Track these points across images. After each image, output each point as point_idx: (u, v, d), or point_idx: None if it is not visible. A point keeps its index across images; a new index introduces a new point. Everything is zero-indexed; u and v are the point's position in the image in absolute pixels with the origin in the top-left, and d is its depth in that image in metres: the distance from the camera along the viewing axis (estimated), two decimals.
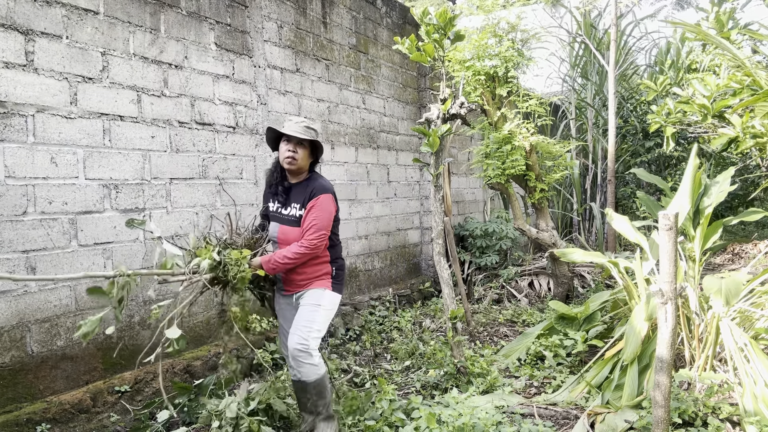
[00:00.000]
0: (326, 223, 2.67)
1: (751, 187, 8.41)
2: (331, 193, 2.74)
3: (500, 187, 5.71)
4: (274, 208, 2.83)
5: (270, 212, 2.87)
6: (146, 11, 3.48)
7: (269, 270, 2.63)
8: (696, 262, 3.56)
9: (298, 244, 2.63)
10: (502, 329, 4.99)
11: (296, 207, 2.74)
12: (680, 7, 11.07)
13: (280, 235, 2.77)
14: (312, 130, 2.74)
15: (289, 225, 2.76)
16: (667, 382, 2.12)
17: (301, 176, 2.82)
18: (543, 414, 3.09)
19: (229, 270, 2.46)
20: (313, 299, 2.72)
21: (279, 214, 2.81)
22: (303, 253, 2.62)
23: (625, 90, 9.38)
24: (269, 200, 2.89)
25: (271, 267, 2.62)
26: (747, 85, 3.63)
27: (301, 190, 2.76)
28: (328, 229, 2.70)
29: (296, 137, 2.69)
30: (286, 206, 2.79)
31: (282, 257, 2.60)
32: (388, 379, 3.78)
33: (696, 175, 3.60)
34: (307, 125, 2.73)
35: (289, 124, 2.73)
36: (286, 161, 2.70)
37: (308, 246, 2.62)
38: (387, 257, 6.01)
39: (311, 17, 4.93)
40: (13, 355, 2.83)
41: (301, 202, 2.72)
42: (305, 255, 2.64)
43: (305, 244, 2.62)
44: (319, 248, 2.66)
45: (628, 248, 7.88)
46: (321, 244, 2.66)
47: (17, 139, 2.85)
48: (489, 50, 5.21)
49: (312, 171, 2.85)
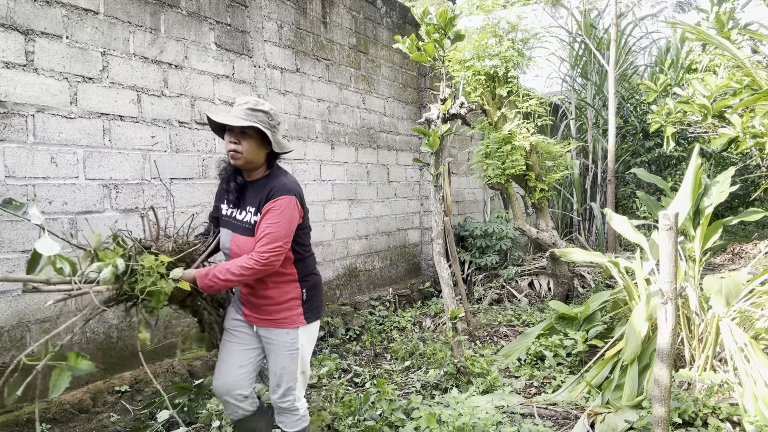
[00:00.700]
0: (284, 233, 2.12)
1: (751, 187, 8.40)
2: (294, 194, 2.19)
3: (500, 187, 5.71)
4: (226, 212, 2.30)
5: (221, 216, 2.33)
6: (146, 11, 3.48)
7: (205, 287, 2.05)
8: (696, 262, 3.56)
9: (247, 256, 2.09)
10: (502, 329, 4.99)
11: (251, 211, 2.21)
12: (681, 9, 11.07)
13: (233, 246, 2.23)
14: (259, 113, 2.17)
15: (243, 234, 2.21)
16: (668, 382, 2.12)
17: (257, 173, 2.27)
18: (543, 414, 3.09)
19: (138, 281, 1.91)
20: (288, 345, 2.25)
21: (232, 219, 2.27)
22: (252, 269, 2.05)
23: (625, 90, 9.39)
24: (222, 200, 2.34)
25: (208, 283, 2.04)
26: (747, 84, 3.63)
27: (257, 189, 2.22)
28: (288, 239, 2.15)
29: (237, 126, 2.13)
30: (240, 209, 2.25)
31: (224, 272, 2.04)
32: (388, 379, 3.78)
33: (697, 175, 3.60)
34: (251, 107, 2.17)
35: (232, 110, 2.22)
36: (230, 156, 2.19)
37: (258, 261, 2.06)
38: (387, 257, 6.01)
39: (311, 17, 4.93)
40: (14, 355, 2.83)
41: (257, 204, 2.19)
42: (255, 272, 2.07)
43: (255, 258, 2.07)
44: (273, 264, 2.11)
45: (628, 248, 7.89)
46: (275, 260, 2.10)
47: (17, 139, 2.85)
48: (489, 50, 5.21)
49: (272, 167, 2.30)
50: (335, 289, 5.19)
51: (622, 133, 8.98)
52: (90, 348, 3.15)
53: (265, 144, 2.21)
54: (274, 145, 2.20)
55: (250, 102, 2.19)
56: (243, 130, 2.15)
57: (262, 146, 2.21)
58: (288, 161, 4.61)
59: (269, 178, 2.24)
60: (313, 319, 2.33)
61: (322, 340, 4.57)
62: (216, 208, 2.39)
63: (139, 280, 1.91)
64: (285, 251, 2.15)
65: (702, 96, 3.88)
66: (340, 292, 5.25)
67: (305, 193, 4.81)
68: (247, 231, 2.20)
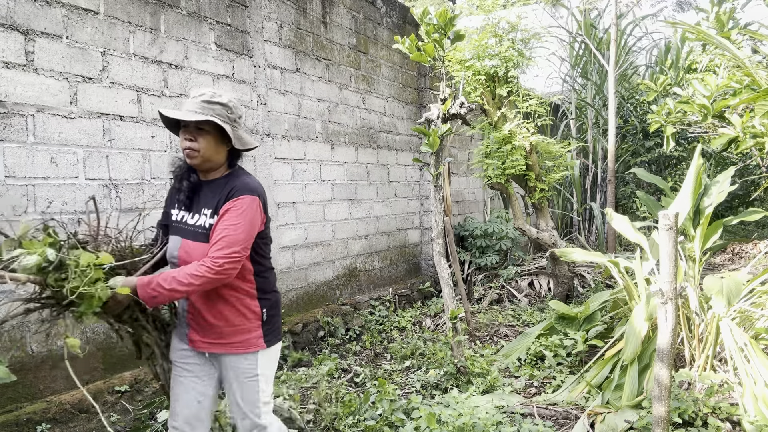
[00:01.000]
0: (243, 237, 1.85)
1: (751, 187, 8.41)
2: (258, 195, 1.94)
3: (500, 187, 5.71)
4: (176, 216, 2.03)
5: (171, 222, 2.05)
6: (146, 11, 3.48)
7: (147, 297, 1.75)
8: (696, 262, 3.56)
9: (198, 263, 1.80)
10: (502, 329, 4.99)
11: (207, 214, 1.94)
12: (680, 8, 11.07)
13: (182, 253, 1.94)
14: (216, 105, 1.92)
15: (195, 239, 1.94)
16: (667, 381, 2.12)
17: (216, 173, 2.02)
18: (543, 414, 3.09)
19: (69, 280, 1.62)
20: (248, 372, 1.98)
21: (182, 224, 1.99)
22: (202, 277, 1.77)
23: (626, 90, 9.39)
24: (172, 204, 2.07)
25: (151, 293, 1.74)
26: (747, 84, 3.63)
27: (215, 189, 1.97)
28: (247, 245, 1.88)
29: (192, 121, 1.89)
30: (193, 213, 1.99)
31: (169, 280, 1.75)
32: (388, 379, 3.78)
33: (698, 175, 3.61)
34: (207, 99, 1.92)
35: (186, 102, 1.97)
36: (186, 155, 1.95)
37: (210, 267, 1.78)
38: (387, 257, 6.01)
39: (311, 17, 4.93)
40: (14, 355, 2.83)
41: (214, 206, 1.93)
42: (206, 281, 1.79)
43: (207, 265, 1.78)
44: (228, 273, 1.82)
45: (628, 248, 7.89)
46: (231, 268, 1.82)
47: (17, 139, 2.85)
48: (489, 50, 5.21)
49: (233, 166, 2.06)
50: (335, 289, 5.20)
51: (622, 133, 8.98)
52: (90, 348, 3.16)
53: (224, 140, 1.96)
54: (235, 141, 1.94)
55: (206, 93, 1.94)
56: (199, 125, 1.91)
57: (222, 143, 1.96)
58: (288, 161, 4.61)
59: (230, 177, 2.00)
60: (274, 342, 2.06)
61: (322, 340, 4.57)
62: (165, 214, 2.11)
63: (71, 278, 1.62)
64: (242, 259, 1.87)
65: (702, 96, 3.88)
66: (340, 292, 5.25)
67: (305, 193, 4.81)
68: (199, 236, 1.93)
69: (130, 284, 1.76)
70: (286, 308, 4.55)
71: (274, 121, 4.46)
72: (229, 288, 1.94)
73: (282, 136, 4.55)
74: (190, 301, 1.98)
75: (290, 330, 4.31)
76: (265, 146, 4.36)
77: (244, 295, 1.98)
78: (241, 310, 1.97)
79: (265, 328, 2.02)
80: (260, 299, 2.02)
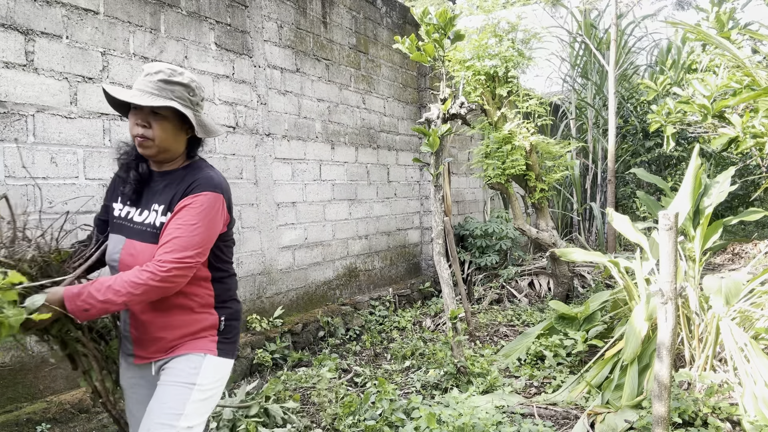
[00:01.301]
0: (200, 239, 1.57)
1: (751, 187, 8.41)
2: (222, 192, 1.67)
3: (500, 187, 5.71)
4: (120, 212, 1.72)
5: (112, 219, 1.74)
6: (146, 11, 3.48)
7: (77, 311, 1.44)
8: (696, 262, 3.56)
9: (139, 268, 1.51)
10: (502, 329, 4.99)
11: (158, 210, 1.65)
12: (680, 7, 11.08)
13: (125, 256, 1.64)
14: (176, 86, 1.63)
15: (142, 240, 1.64)
16: (668, 381, 2.12)
17: (173, 163, 1.73)
18: (543, 414, 3.09)
19: None
20: (184, 374, 1.62)
21: (126, 222, 1.69)
22: (144, 285, 1.48)
23: (626, 90, 9.39)
24: (115, 197, 1.76)
25: (82, 306, 1.44)
26: (747, 85, 3.63)
27: (171, 182, 1.68)
28: (203, 250, 1.60)
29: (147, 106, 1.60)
30: (141, 208, 1.69)
31: (103, 290, 1.46)
32: (388, 379, 3.78)
33: (697, 175, 3.61)
34: (165, 78, 1.62)
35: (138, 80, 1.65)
36: (137, 143, 1.65)
37: (154, 273, 1.49)
38: (387, 257, 6.01)
39: (311, 17, 4.93)
40: (14, 355, 2.83)
41: (168, 202, 1.64)
42: (149, 291, 1.49)
43: (150, 270, 1.49)
44: (177, 282, 1.54)
45: (628, 248, 7.89)
46: (181, 276, 1.54)
47: (17, 139, 2.85)
48: (489, 50, 5.21)
49: (193, 156, 1.77)
50: (335, 289, 5.20)
51: (622, 133, 8.98)
52: None
53: (184, 127, 1.68)
54: (198, 128, 1.66)
55: (164, 71, 1.63)
56: (154, 109, 1.62)
57: (181, 130, 1.68)
58: (288, 161, 4.61)
59: (189, 170, 1.70)
60: (228, 355, 1.74)
61: (322, 340, 4.57)
62: (105, 208, 1.81)
63: None
64: (195, 266, 1.57)
65: (702, 96, 3.88)
66: (340, 292, 5.25)
67: (305, 193, 4.81)
68: (148, 236, 1.63)
69: (56, 296, 1.46)
70: (286, 308, 4.55)
71: (274, 121, 4.46)
72: (180, 295, 1.63)
73: (282, 136, 4.55)
74: (132, 312, 1.67)
75: (290, 330, 4.31)
76: (265, 146, 4.37)
77: (198, 305, 1.68)
78: (194, 321, 1.67)
79: (221, 337, 1.73)
80: (218, 308, 1.74)
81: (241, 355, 3.83)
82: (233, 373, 3.70)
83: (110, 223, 1.76)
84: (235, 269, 4.38)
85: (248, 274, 4.20)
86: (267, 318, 4.31)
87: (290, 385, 3.55)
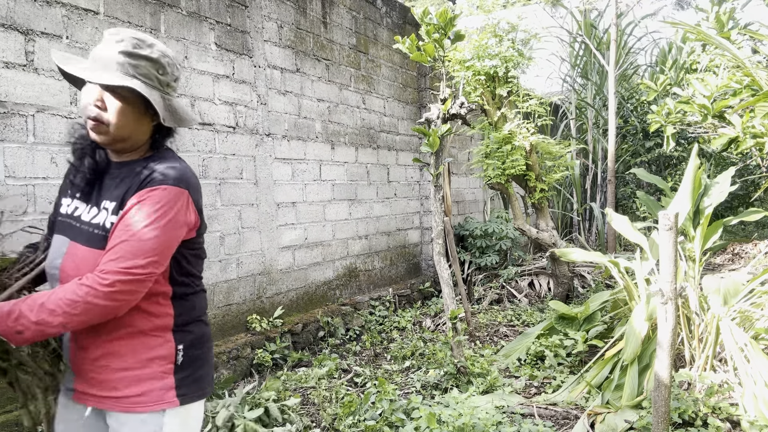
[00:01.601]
0: (155, 245, 1.26)
1: (751, 187, 8.41)
2: (186, 187, 1.35)
3: (500, 187, 5.71)
4: (67, 208, 1.43)
5: (58, 215, 1.46)
6: (146, 11, 3.48)
7: (8, 334, 1.19)
8: (696, 262, 3.56)
9: (77, 282, 1.23)
10: (502, 329, 4.99)
11: (109, 208, 1.34)
12: (680, 7, 11.08)
13: (67, 263, 1.34)
14: (142, 61, 1.32)
15: (88, 244, 1.34)
16: (668, 381, 2.12)
17: (133, 153, 1.42)
18: (543, 414, 3.09)
19: None
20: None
21: (72, 220, 1.40)
22: (84, 303, 1.20)
23: (626, 90, 9.39)
24: (65, 190, 1.50)
25: (14, 328, 1.19)
26: (747, 85, 3.63)
27: (127, 174, 1.37)
28: (159, 259, 1.28)
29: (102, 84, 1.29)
30: (91, 204, 1.39)
31: (37, 310, 1.20)
32: (388, 379, 3.78)
33: (696, 175, 3.61)
34: (129, 50, 1.30)
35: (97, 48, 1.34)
36: (90, 127, 1.34)
37: (95, 288, 1.20)
38: (387, 257, 6.01)
39: (311, 17, 4.93)
40: None
41: (121, 197, 1.33)
42: (88, 310, 1.21)
43: (90, 284, 1.21)
44: (124, 300, 1.24)
45: (628, 248, 7.89)
46: (129, 291, 1.23)
47: (17, 139, 2.85)
48: (489, 50, 5.21)
49: (159, 147, 1.45)
50: (335, 289, 5.20)
51: (622, 133, 8.98)
52: None
53: (149, 112, 1.36)
54: (165, 116, 1.34)
55: (127, 40, 1.31)
56: (111, 87, 1.30)
57: (145, 115, 1.36)
58: (288, 161, 4.61)
59: (150, 160, 1.39)
60: (194, 398, 1.41)
61: (322, 340, 4.57)
62: (56, 206, 1.51)
63: None
64: (149, 279, 1.26)
65: (702, 96, 3.88)
66: (340, 292, 5.25)
67: (305, 193, 4.81)
68: (95, 240, 1.32)
69: None
70: (286, 308, 4.55)
71: (274, 121, 4.46)
72: (131, 312, 1.31)
73: (282, 136, 4.55)
74: (73, 333, 1.36)
75: (290, 330, 4.31)
76: (265, 146, 4.37)
77: (151, 326, 1.35)
78: (144, 346, 1.34)
79: (180, 376, 1.37)
80: (176, 332, 1.38)
81: (241, 355, 3.83)
82: (233, 373, 3.70)
83: (55, 221, 1.44)
84: (235, 269, 4.38)
85: (248, 274, 4.20)
86: (267, 318, 4.31)
87: (290, 385, 3.55)
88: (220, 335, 3.94)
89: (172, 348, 1.37)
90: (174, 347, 1.37)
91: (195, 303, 1.46)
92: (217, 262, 3.93)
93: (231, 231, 4.04)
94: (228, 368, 3.70)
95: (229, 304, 4.02)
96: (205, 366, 1.45)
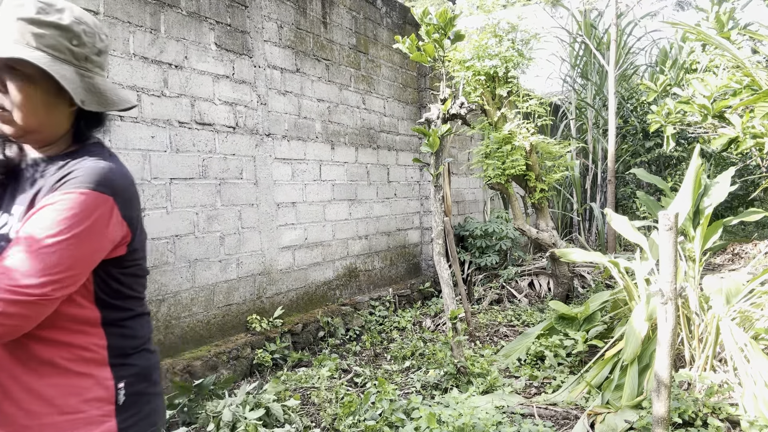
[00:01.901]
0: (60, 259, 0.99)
1: (751, 187, 8.41)
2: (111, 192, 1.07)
3: (500, 187, 5.71)
4: None
5: None
6: (146, 11, 3.48)
7: None
8: (696, 262, 3.56)
9: None
10: (502, 329, 4.99)
11: (17, 213, 1.10)
12: (680, 7, 11.08)
13: None
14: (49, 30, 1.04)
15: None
16: (668, 381, 2.12)
17: (53, 147, 1.16)
18: (543, 414, 3.09)
19: None
20: None
21: None
22: None
23: (625, 90, 9.40)
24: None
25: None
26: (747, 85, 3.63)
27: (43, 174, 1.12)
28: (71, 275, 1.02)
29: None
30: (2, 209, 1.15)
31: None
32: (388, 379, 3.78)
33: (697, 175, 3.61)
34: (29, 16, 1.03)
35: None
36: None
37: None
38: (387, 257, 6.01)
39: (311, 17, 4.93)
40: None
41: (30, 201, 1.09)
42: None
43: None
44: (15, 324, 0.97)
45: (628, 248, 7.89)
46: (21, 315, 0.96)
47: None
48: (489, 50, 5.21)
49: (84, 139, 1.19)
50: (335, 290, 5.20)
51: (622, 133, 8.98)
52: None
53: (66, 95, 1.08)
54: (80, 96, 1.08)
55: (28, 4, 1.03)
56: (9, 63, 1.04)
57: (59, 98, 1.10)
58: (288, 161, 4.61)
59: (71, 156, 1.13)
60: None
61: (322, 340, 4.57)
62: None
63: None
64: (51, 301, 1.00)
65: (702, 96, 3.88)
66: (340, 293, 5.25)
67: (305, 193, 4.81)
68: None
69: None
70: (286, 308, 4.55)
71: (274, 121, 4.46)
72: (48, 345, 1.07)
73: (282, 136, 4.55)
74: None
75: (290, 330, 4.31)
76: (265, 146, 4.37)
77: (77, 360, 1.09)
78: (73, 389, 1.09)
79: (123, 417, 1.13)
80: (115, 366, 1.14)
81: (241, 355, 3.83)
82: (233, 373, 3.70)
83: None
84: (235, 269, 4.39)
85: (248, 274, 4.20)
86: (267, 318, 4.31)
87: (290, 385, 3.55)
88: (220, 335, 3.94)
89: (110, 387, 1.12)
90: (113, 386, 1.12)
91: (135, 330, 1.19)
92: (217, 262, 3.93)
93: (231, 231, 4.04)
94: (228, 368, 3.71)
95: (229, 304, 4.02)
96: (153, 400, 1.21)
